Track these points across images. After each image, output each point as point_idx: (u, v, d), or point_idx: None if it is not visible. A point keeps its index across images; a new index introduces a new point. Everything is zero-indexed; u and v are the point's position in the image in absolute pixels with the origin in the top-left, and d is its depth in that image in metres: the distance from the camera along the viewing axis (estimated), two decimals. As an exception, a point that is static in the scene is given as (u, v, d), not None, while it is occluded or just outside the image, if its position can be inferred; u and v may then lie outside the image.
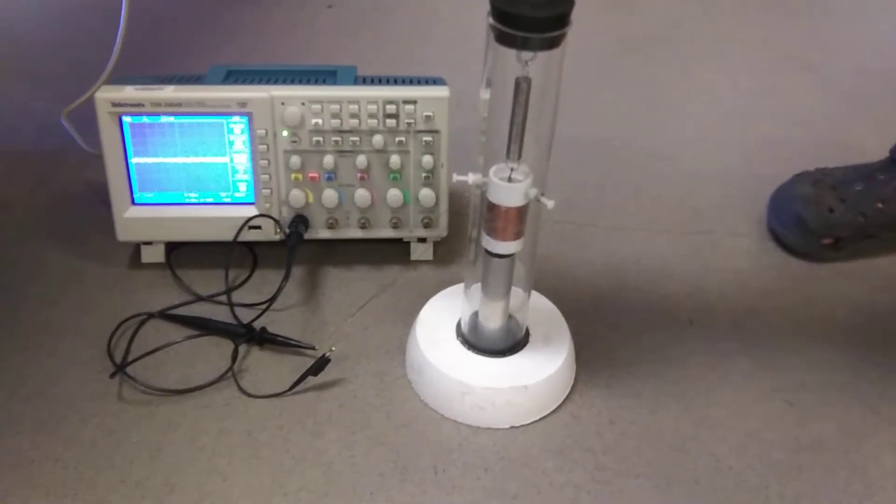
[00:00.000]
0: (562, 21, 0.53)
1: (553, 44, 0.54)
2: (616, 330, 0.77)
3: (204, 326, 0.75)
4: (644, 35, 1.37)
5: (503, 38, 0.54)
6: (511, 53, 0.55)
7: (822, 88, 1.22)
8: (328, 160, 0.77)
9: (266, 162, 0.77)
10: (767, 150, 1.06)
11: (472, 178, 0.61)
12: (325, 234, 0.80)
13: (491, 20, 0.54)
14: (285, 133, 0.76)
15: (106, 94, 0.75)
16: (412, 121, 0.76)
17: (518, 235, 0.63)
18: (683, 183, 0.99)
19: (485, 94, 0.59)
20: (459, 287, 0.75)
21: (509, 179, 0.60)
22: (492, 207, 0.61)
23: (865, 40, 1.38)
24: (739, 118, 1.14)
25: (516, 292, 0.68)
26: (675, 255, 0.87)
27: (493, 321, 0.68)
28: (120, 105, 0.75)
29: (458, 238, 0.84)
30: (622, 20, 1.41)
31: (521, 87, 0.56)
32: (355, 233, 0.81)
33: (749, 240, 0.90)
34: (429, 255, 0.84)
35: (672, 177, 1.00)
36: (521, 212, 0.61)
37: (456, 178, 0.62)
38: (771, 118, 1.14)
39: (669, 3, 1.50)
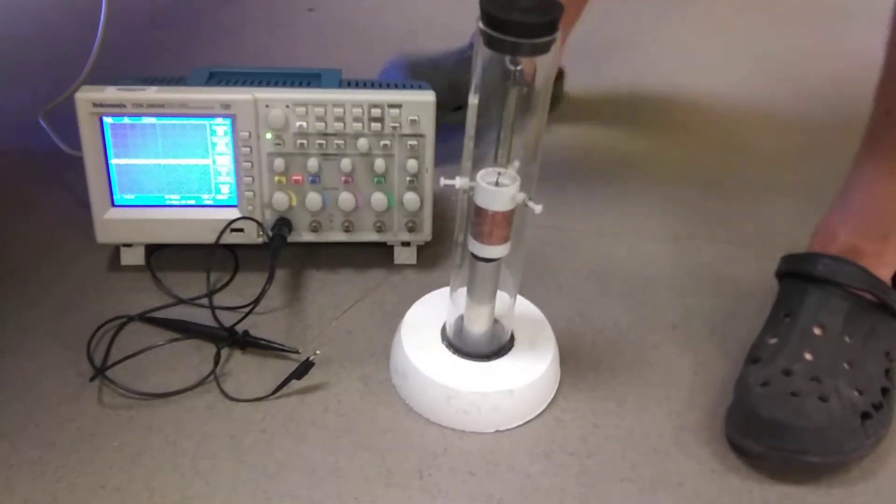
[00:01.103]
0: (552, 27, 0.53)
1: (543, 49, 0.54)
2: (600, 334, 0.77)
3: (185, 330, 0.74)
4: (624, 40, 1.38)
5: (493, 43, 0.54)
6: (500, 58, 0.55)
7: (799, 96, 1.24)
8: (312, 163, 0.76)
9: (249, 164, 0.77)
10: (746, 157, 1.08)
11: (459, 182, 0.61)
12: (308, 237, 0.80)
13: (481, 25, 0.54)
14: (269, 135, 0.76)
15: (87, 95, 0.74)
16: (397, 125, 0.75)
17: (505, 240, 0.63)
18: (665, 188, 1.00)
19: (473, 99, 0.59)
20: (444, 291, 0.75)
21: (496, 184, 0.60)
22: (479, 212, 0.61)
23: (844, 49, 1.40)
24: (718, 124, 1.16)
25: (502, 297, 0.68)
26: (658, 259, 0.88)
27: (478, 325, 0.68)
28: (101, 106, 0.74)
29: (442, 242, 0.84)
30: (602, 25, 1.42)
31: (510, 93, 0.56)
32: (339, 236, 0.80)
33: (730, 245, 0.91)
34: (412, 259, 0.84)
35: (654, 182, 1.01)
36: (508, 216, 0.62)
37: (443, 181, 0.62)
38: (749, 124, 1.16)
39: (649, 10, 1.52)
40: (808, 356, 0.67)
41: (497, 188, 0.60)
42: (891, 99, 0.71)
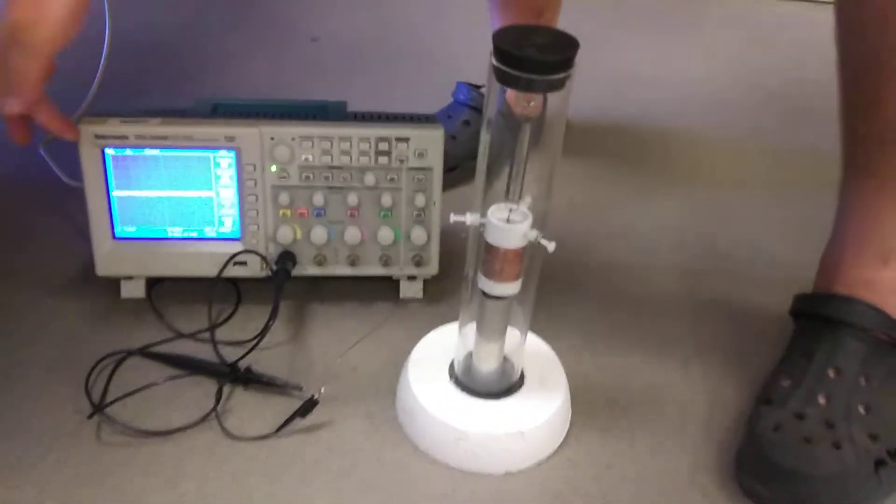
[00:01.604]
0: (566, 64, 0.52)
1: (558, 86, 0.53)
2: (611, 371, 0.76)
3: (186, 365, 0.73)
4: (629, 70, 1.38)
5: (506, 79, 0.53)
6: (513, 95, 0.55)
7: (808, 127, 1.23)
8: (318, 197, 0.75)
9: (254, 197, 0.76)
10: (755, 189, 1.07)
11: (469, 218, 0.60)
12: (312, 270, 0.79)
13: (494, 61, 0.53)
14: (274, 168, 0.75)
15: (89, 126, 0.73)
16: (404, 158, 0.75)
17: (516, 277, 0.62)
18: (674, 222, 0.99)
19: (485, 135, 0.58)
20: (451, 326, 0.73)
21: (508, 220, 0.59)
22: (490, 249, 0.60)
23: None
24: (727, 155, 1.15)
25: (512, 333, 0.67)
26: (670, 294, 0.87)
27: (487, 363, 0.67)
28: (104, 137, 0.73)
29: (448, 276, 0.83)
30: (606, 56, 1.42)
31: (524, 128, 0.56)
32: (344, 270, 0.79)
33: (742, 279, 0.89)
34: (419, 294, 0.82)
35: (662, 215, 1.00)
36: (520, 254, 0.60)
37: (453, 218, 0.61)
38: (757, 155, 1.15)
39: (654, 40, 1.52)
40: (821, 400, 0.66)
41: (509, 225, 0.59)
42: (857, 117, 0.70)
